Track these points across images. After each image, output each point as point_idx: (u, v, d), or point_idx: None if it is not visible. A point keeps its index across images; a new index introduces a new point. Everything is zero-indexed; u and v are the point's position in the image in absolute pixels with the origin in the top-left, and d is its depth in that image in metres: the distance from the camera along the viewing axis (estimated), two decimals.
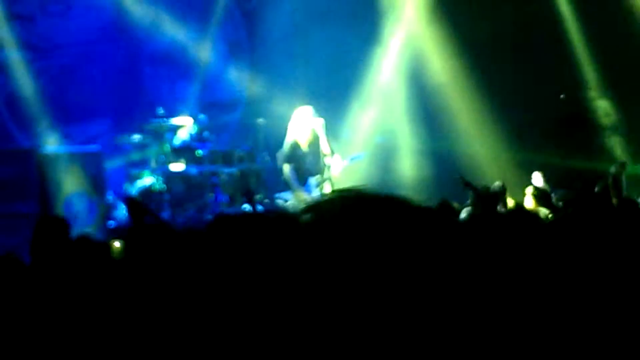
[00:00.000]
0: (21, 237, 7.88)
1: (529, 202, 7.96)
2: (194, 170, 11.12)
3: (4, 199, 9.90)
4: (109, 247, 4.52)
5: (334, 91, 12.06)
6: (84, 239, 4.62)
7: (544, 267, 3.68)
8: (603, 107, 11.80)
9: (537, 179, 8.96)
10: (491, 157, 11.74)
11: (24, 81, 11.75)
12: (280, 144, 10.00)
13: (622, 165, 7.66)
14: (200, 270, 3.51)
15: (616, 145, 11.55)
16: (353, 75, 12.32)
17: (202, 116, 11.79)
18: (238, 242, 3.67)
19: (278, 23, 12.66)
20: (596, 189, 7.45)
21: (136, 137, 11.26)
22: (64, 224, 4.76)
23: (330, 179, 9.67)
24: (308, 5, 12.36)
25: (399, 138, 12.14)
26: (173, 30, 12.57)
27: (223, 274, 3.48)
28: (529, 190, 8.17)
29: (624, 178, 7.42)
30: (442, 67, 12.10)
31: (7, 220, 9.72)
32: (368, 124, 12.19)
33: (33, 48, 11.95)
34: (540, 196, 7.87)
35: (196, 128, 11.56)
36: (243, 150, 11.54)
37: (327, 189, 9.66)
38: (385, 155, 11.98)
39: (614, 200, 6.77)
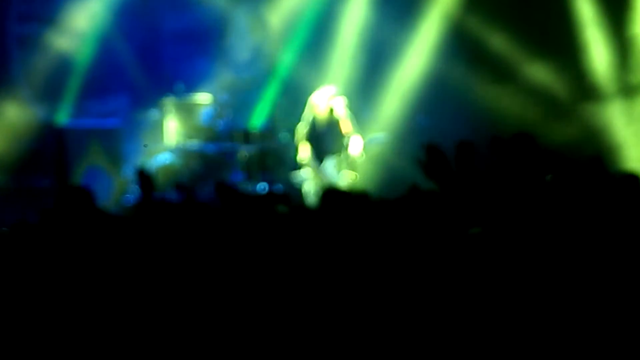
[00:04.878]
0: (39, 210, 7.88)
1: None
2: (212, 148, 11.10)
3: (22, 172, 9.94)
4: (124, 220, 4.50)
5: (360, 71, 11.98)
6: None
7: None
8: None
9: None
10: None
11: (44, 55, 11.75)
12: (299, 123, 9.96)
13: None
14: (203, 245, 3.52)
15: None
16: (380, 56, 12.22)
17: (222, 93, 11.76)
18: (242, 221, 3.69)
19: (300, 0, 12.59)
20: None
21: (155, 113, 11.25)
22: (88, 194, 4.77)
23: (349, 159, 9.62)
24: None
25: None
26: (194, 6, 12.56)
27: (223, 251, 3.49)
28: None
29: None
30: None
31: (26, 193, 9.76)
32: (391, 106, 12.07)
33: (53, 22, 11.94)
34: None
35: (216, 105, 11.55)
36: (263, 129, 11.53)
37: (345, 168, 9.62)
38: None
39: None
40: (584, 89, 11.71)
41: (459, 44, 12.22)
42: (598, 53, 11.63)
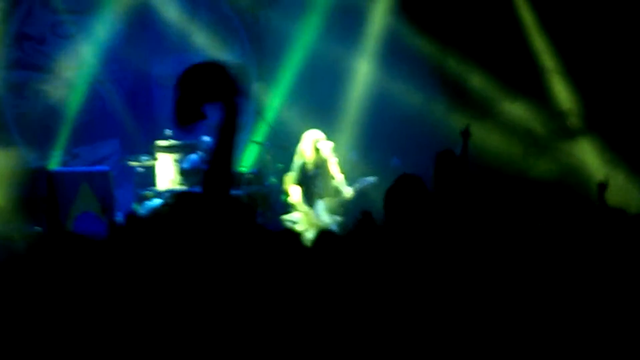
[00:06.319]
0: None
1: None
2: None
3: (13, 219, 9.92)
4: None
5: (342, 111, 12.15)
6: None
7: None
8: None
9: None
10: None
11: (34, 102, 11.82)
12: (288, 167, 10.08)
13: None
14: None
15: None
16: (362, 96, 12.41)
17: (207, 138, 11.83)
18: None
19: (284, 45, 12.76)
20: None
21: (145, 158, 11.31)
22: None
23: (340, 201, 9.74)
24: (316, 28, 12.47)
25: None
26: (181, 51, 12.67)
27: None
28: None
29: None
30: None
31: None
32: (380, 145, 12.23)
33: (43, 69, 12.01)
34: None
35: (205, 149, 11.60)
36: (251, 173, 11.59)
37: (337, 211, 9.75)
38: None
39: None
40: (560, 127, 12.00)
41: (440, 84, 12.46)
42: (564, 97, 12.02)
